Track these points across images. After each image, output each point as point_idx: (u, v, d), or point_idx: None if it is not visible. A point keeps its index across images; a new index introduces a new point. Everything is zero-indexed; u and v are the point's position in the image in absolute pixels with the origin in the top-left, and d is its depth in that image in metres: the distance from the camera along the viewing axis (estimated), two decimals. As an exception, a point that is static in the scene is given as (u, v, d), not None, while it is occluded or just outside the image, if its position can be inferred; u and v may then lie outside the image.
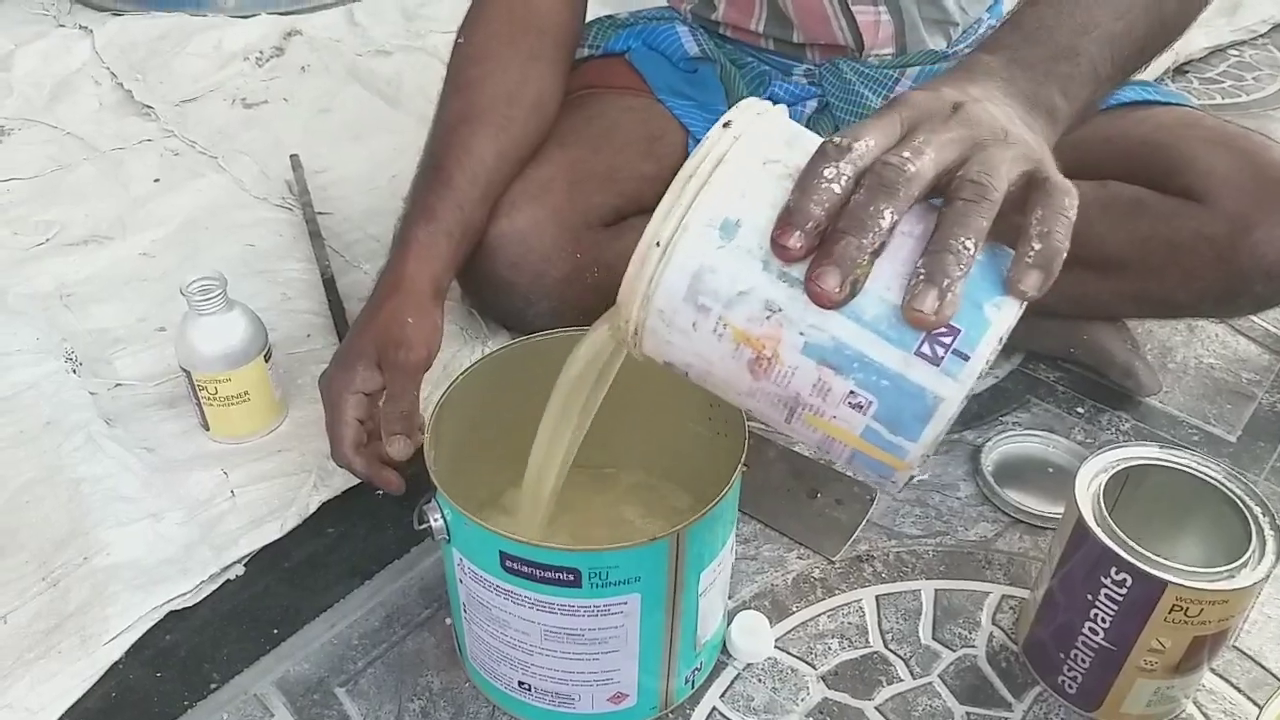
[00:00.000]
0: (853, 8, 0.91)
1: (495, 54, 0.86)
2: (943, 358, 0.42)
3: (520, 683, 0.62)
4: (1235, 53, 1.63)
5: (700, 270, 0.43)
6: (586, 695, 0.62)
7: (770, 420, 0.46)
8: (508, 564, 0.56)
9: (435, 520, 0.59)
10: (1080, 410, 0.91)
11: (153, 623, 0.69)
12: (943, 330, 0.42)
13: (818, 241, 0.42)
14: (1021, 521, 0.81)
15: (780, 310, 0.43)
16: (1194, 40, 1.57)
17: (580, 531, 0.71)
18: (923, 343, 0.42)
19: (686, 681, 0.65)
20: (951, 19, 0.95)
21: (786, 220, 0.42)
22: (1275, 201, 0.78)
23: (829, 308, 0.42)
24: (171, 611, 0.70)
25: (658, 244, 0.43)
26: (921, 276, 0.41)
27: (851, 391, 0.43)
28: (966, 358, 0.42)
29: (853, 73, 0.94)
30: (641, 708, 0.64)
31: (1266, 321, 1.03)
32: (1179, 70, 1.54)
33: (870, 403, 0.43)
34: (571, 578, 0.56)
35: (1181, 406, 0.92)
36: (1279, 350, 1.00)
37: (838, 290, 0.41)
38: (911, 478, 0.46)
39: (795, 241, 0.42)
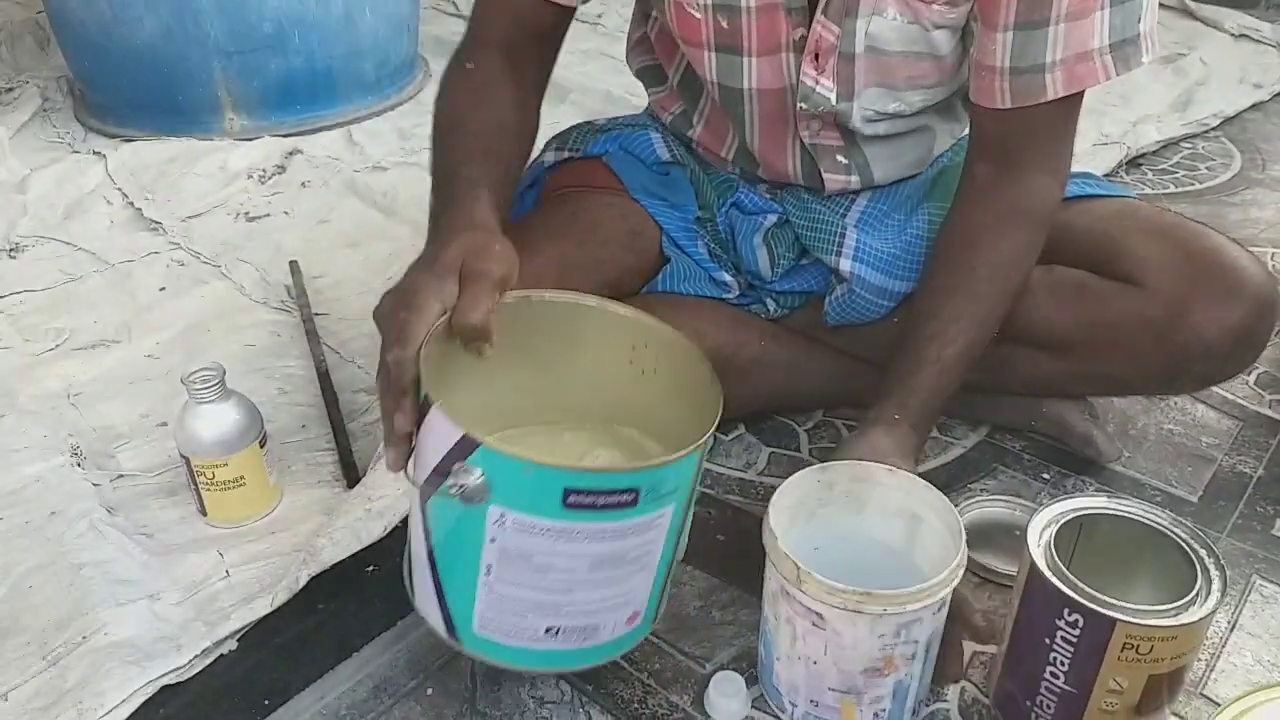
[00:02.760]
0: (824, 174, 0.95)
1: (493, 85, 0.88)
2: None
3: (548, 629, 0.63)
4: (1188, 145, 1.71)
5: None
6: (610, 622, 0.65)
7: None
8: (571, 498, 0.58)
9: (473, 479, 0.57)
10: (1046, 476, 0.95)
11: (146, 697, 0.71)
12: None
13: None
14: (990, 581, 0.83)
15: None
16: (1146, 134, 1.66)
17: None
18: None
19: (665, 591, 0.69)
20: (915, 174, 1.00)
21: None
22: (1209, 284, 0.84)
23: None
24: (166, 686, 0.72)
25: None
26: None
27: None
28: None
29: (812, 197, 0.99)
30: (644, 624, 0.68)
31: (1221, 389, 1.07)
32: (1132, 163, 1.62)
33: None
34: (631, 498, 0.59)
35: (1144, 470, 0.96)
36: (1238, 416, 1.04)
37: None
38: None
39: None
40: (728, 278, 0.99)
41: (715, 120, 0.98)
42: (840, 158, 0.93)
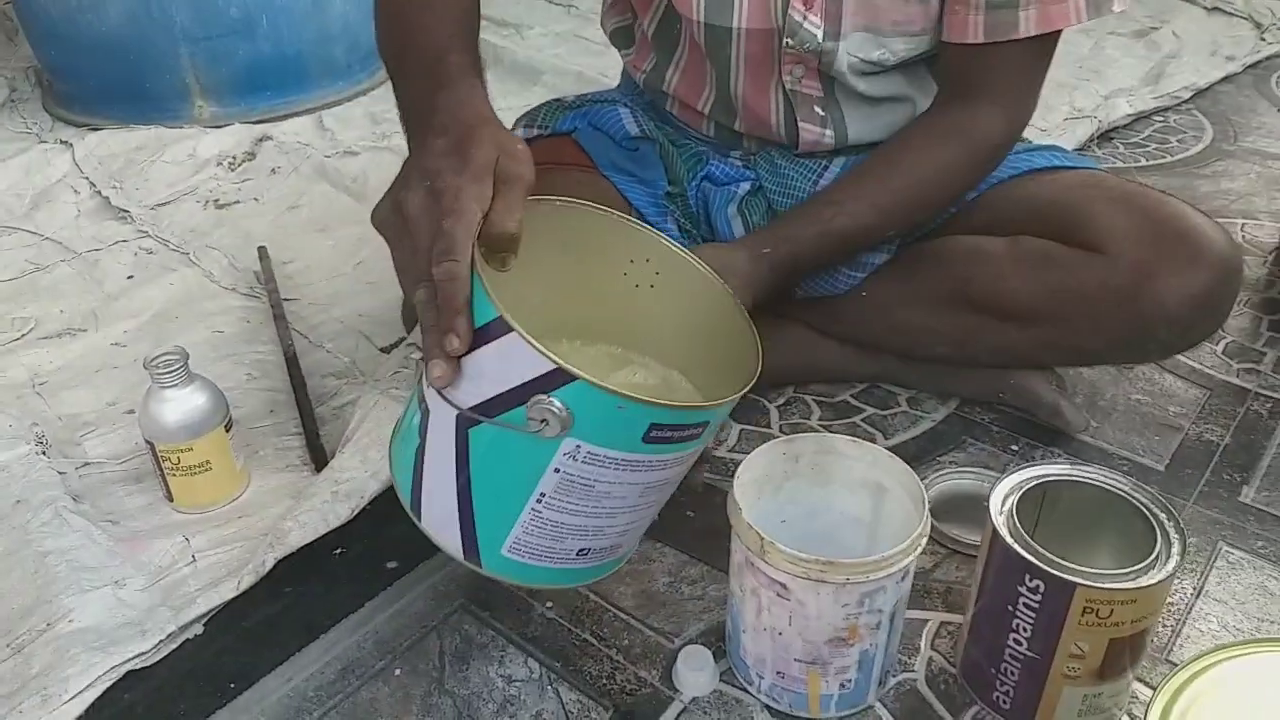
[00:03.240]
0: (799, 123, 0.94)
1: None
2: None
3: (580, 550, 0.64)
4: (1160, 118, 1.72)
5: None
6: (631, 540, 0.67)
7: None
8: (654, 433, 0.58)
9: (555, 412, 0.55)
10: (1014, 448, 0.95)
11: (111, 682, 0.71)
12: None
13: None
14: (958, 553, 0.83)
15: None
16: (1118, 108, 1.66)
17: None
18: None
19: None
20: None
21: None
22: (1173, 252, 0.84)
23: None
24: (131, 671, 0.72)
25: None
26: None
27: None
28: None
29: (785, 161, 0.99)
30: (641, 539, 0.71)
31: (1189, 358, 1.08)
32: (1104, 137, 1.62)
33: None
34: (700, 431, 0.60)
35: (1112, 440, 0.96)
36: (1205, 385, 1.04)
37: None
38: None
39: None
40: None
41: (693, 70, 0.97)
42: (818, 109, 0.93)
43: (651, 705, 0.71)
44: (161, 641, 0.73)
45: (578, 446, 0.57)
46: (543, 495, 0.60)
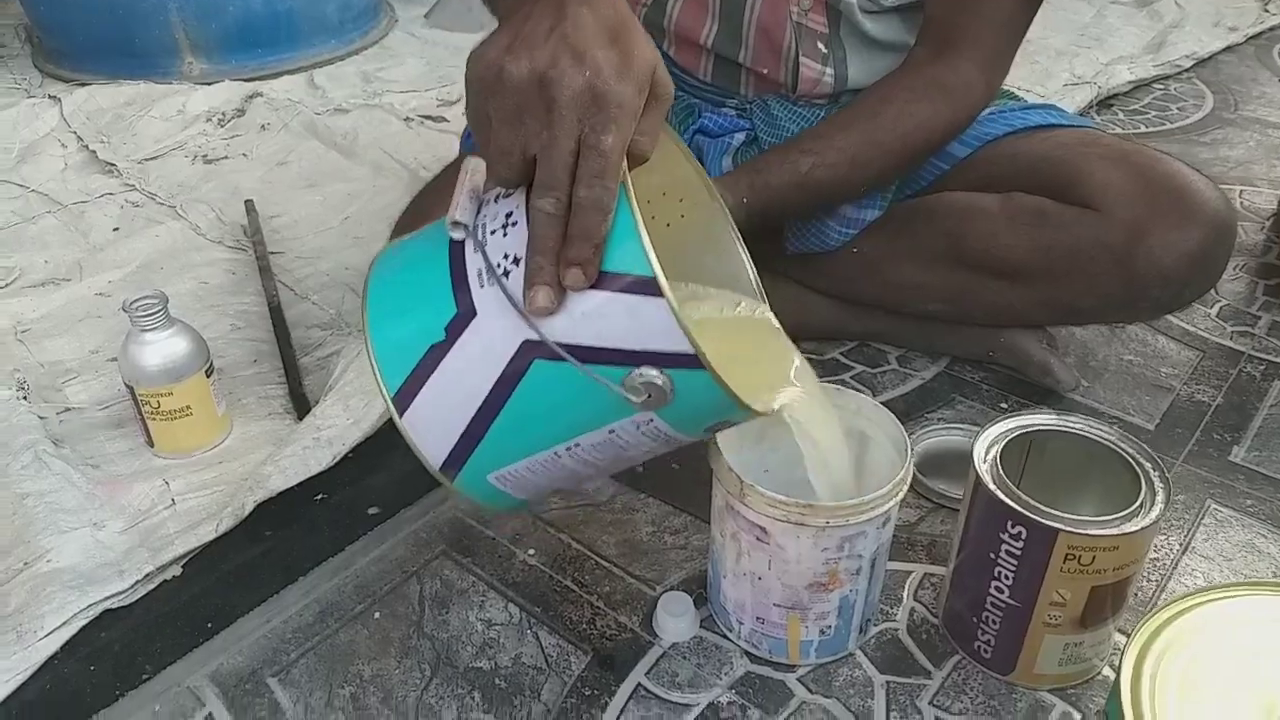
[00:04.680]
0: (801, 58, 0.92)
1: None
2: None
3: (556, 491, 0.63)
4: (1160, 86, 1.70)
5: None
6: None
7: None
8: (720, 425, 0.56)
9: (657, 387, 0.51)
10: (1004, 406, 0.94)
11: (87, 620, 0.70)
12: None
13: None
14: (944, 507, 0.83)
15: None
16: (1118, 75, 1.64)
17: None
18: None
19: None
20: None
21: None
22: (1166, 210, 0.83)
23: None
24: (108, 611, 0.72)
25: None
26: None
27: None
28: None
29: (780, 109, 0.98)
30: None
31: (1183, 321, 1.07)
32: (1104, 103, 1.61)
33: None
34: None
35: (1102, 400, 0.96)
36: (1198, 347, 1.03)
37: None
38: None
39: None
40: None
41: (694, 2, 0.94)
42: (820, 45, 0.91)
43: (631, 650, 0.70)
44: (139, 582, 0.73)
45: (651, 420, 0.54)
46: (576, 445, 0.56)
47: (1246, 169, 1.43)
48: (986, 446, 0.67)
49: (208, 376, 0.84)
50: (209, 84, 1.63)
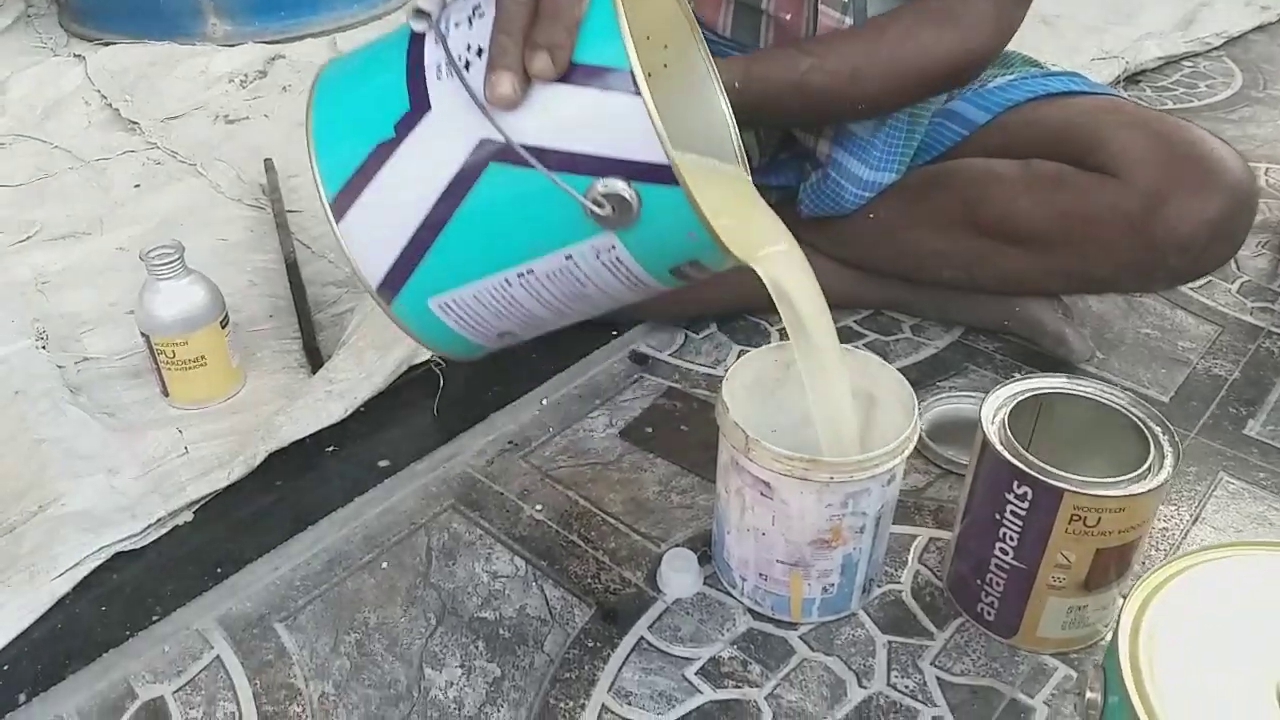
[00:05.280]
0: (820, 5, 0.89)
1: None
2: None
3: (504, 333, 0.57)
4: (1189, 63, 1.68)
5: None
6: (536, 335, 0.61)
7: None
8: (688, 269, 0.52)
9: (624, 204, 0.47)
10: (1017, 376, 0.93)
11: (99, 562, 0.71)
12: None
13: None
14: (951, 473, 0.83)
15: None
16: (1147, 50, 1.62)
17: None
18: None
19: None
20: None
21: None
22: (1186, 177, 0.82)
23: None
24: (120, 554, 0.73)
25: None
26: None
27: None
28: None
29: None
30: None
31: (1202, 295, 1.06)
32: (1131, 79, 1.59)
33: None
34: (709, 276, 0.54)
35: (1117, 371, 0.95)
36: (1217, 322, 1.02)
37: None
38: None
39: None
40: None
41: None
42: None
43: (635, 604, 0.71)
44: (151, 526, 0.74)
45: (612, 247, 0.49)
46: (529, 272, 0.51)
47: (1273, 147, 1.40)
48: (995, 408, 0.67)
49: (223, 328, 0.85)
50: (232, 46, 1.64)
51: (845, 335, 1.00)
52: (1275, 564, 0.51)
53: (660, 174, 0.46)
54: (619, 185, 0.47)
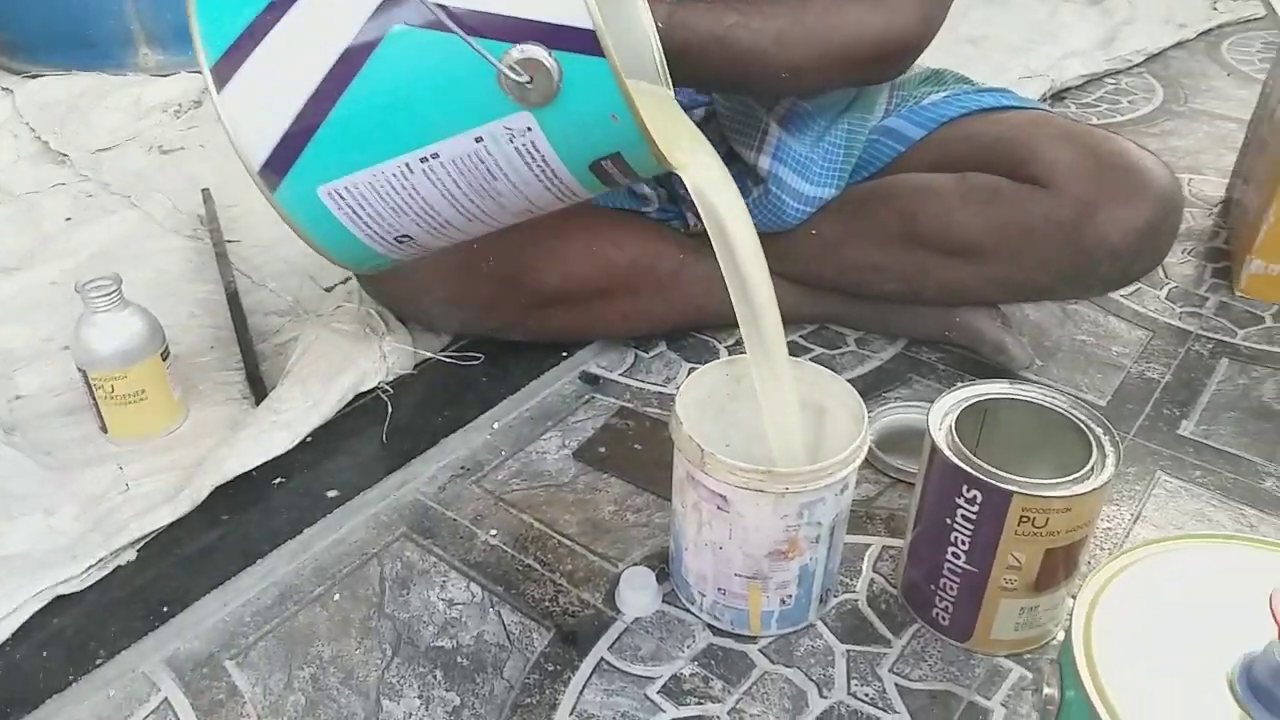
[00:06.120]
0: None
1: None
2: None
3: (402, 237, 0.52)
4: (1112, 80, 1.73)
5: None
6: (441, 248, 0.58)
7: None
8: (608, 164, 0.48)
9: (543, 77, 0.44)
10: (960, 384, 0.95)
11: (39, 606, 0.69)
12: None
13: None
14: (901, 481, 0.84)
15: None
16: (1070, 69, 1.67)
17: None
18: None
19: None
20: None
21: None
22: (1115, 187, 0.85)
23: None
24: (60, 597, 0.70)
25: None
26: None
27: None
28: None
29: None
30: None
31: (1133, 302, 1.09)
32: (1056, 96, 1.64)
33: None
34: (631, 180, 0.52)
35: (1055, 378, 0.97)
36: (1148, 327, 1.05)
37: None
38: None
39: None
40: (647, 190, 0.98)
41: None
42: None
43: (594, 626, 0.70)
44: (92, 567, 0.72)
45: (528, 129, 0.45)
46: (434, 156, 0.47)
47: (1195, 158, 1.46)
48: (942, 415, 0.68)
49: (163, 360, 0.83)
50: (165, 75, 1.61)
51: (791, 349, 0.99)
52: (1218, 555, 0.53)
53: (583, 41, 0.43)
54: (538, 52, 0.43)
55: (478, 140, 0.46)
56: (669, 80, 0.61)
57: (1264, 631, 0.44)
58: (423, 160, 0.47)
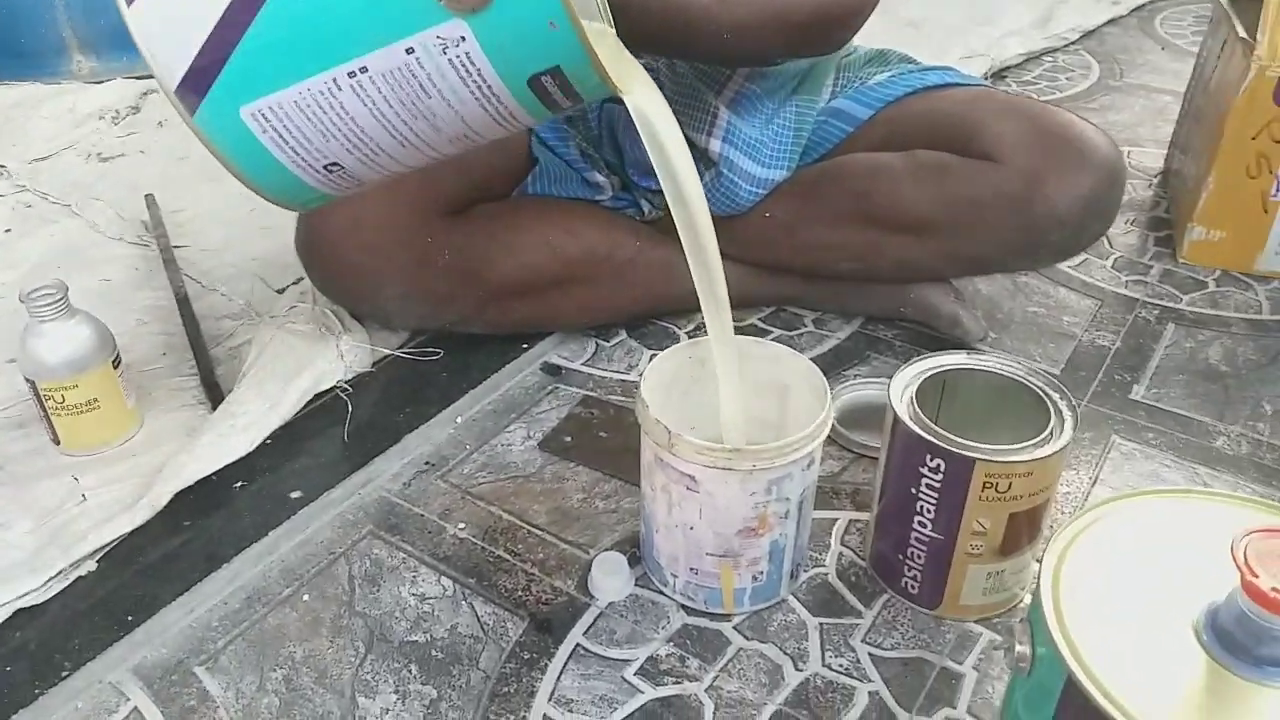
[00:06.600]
0: None
1: None
2: None
3: (330, 165, 0.49)
4: (1049, 58, 1.77)
5: None
6: (370, 182, 0.54)
7: None
8: (546, 80, 0.46)
9: None
10: (918, 358, 0.97)
11: (-1, 621, 0.68)
12: None
13: None
14: (865, 457, 0.85)
15: None
16: (1009, 48, 1.70)
17: None
18: None
19: None
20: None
21: None
22: (1061, 157, 0.87)
23: None
24: (20, 610, 0.69)
25: None
26: None
27: None
28: None
29: (688, 68, 0.98)
30: None
31: (1081, 273, 1.11)
32: (997, 75, 1.66)
33: None
34: (571, 102, 0.50)
35: (1010, 349, 0.99)
36: (1097, 296, 1.08)
37: None
38: None
39: None
40: (600, 178, 0.98)
41: None
42: None
43: (568, 612, 0.70)
44: (52, 579, 0.70)
45: (461, 38, 0.44)
46: (363, 71, 0.45)
47: (1133, 131, 1.49)
48: (903, 387, 0.69)
49: (115, 368, 0.82)
50: (100, 82, 1.58)
51: (750, 332, 1.01)
52: (1176, 509, 0.54)
53: None
54: None
55: (409, 51, 0.44)
56: (611, 21, 0.60)
57: (1226, 580, 0.45)
58: (350, 75, 0.45)
